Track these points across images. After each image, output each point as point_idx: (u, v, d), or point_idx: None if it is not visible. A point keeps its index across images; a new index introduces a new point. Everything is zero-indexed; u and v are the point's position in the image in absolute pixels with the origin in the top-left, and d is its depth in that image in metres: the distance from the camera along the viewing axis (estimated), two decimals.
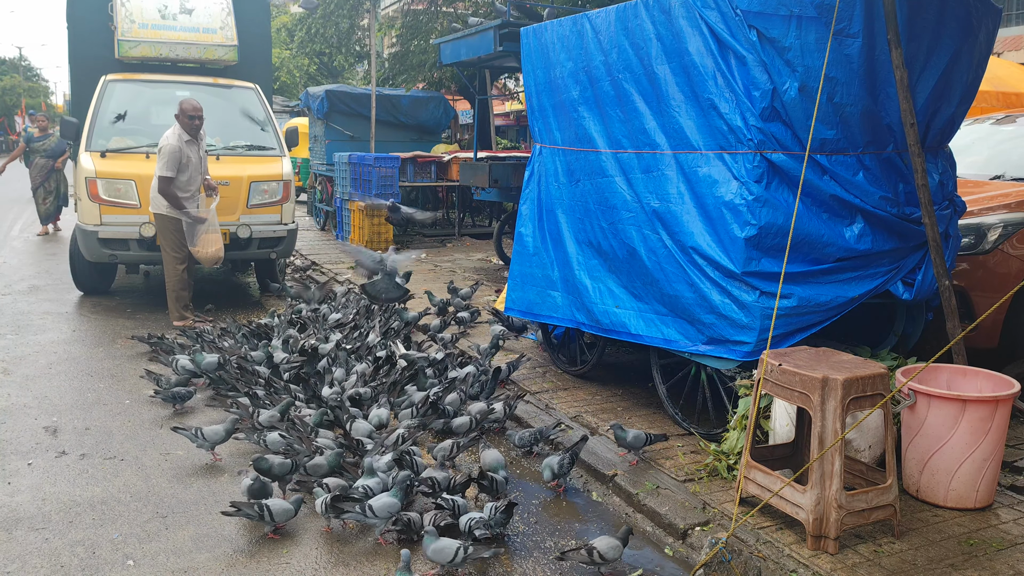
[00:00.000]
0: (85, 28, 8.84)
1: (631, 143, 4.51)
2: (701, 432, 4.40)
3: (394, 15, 23.00)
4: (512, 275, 5.49)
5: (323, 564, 3.34)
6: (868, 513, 3.25)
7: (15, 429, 4.72)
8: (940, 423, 3.53)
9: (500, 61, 9.46)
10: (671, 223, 4.25)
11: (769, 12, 3.79)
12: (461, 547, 3.15)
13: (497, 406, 4.74)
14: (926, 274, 4.18)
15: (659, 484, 3.89)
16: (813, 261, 4.00)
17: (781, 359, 3.40)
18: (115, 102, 8.11)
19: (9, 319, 7.33)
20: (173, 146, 6.76)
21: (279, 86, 27.00)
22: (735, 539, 3.29)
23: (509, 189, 9.33)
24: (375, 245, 11.73)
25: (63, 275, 9.03)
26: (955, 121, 4.41)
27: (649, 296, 4.43)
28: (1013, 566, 3.12)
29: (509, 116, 27.59)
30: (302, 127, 16.07)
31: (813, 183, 3.94)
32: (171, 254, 7.03)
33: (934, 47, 4.10)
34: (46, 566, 3.27)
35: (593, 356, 5.44)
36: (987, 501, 3.59)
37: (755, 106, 3.86)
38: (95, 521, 3.64)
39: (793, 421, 3.77)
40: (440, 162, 13.06)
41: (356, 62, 26.05)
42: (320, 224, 14.56)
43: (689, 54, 4.08)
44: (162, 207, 6.92)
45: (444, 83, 17.02)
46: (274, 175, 7.99)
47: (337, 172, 12.53)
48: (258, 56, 9.40)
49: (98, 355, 6.28)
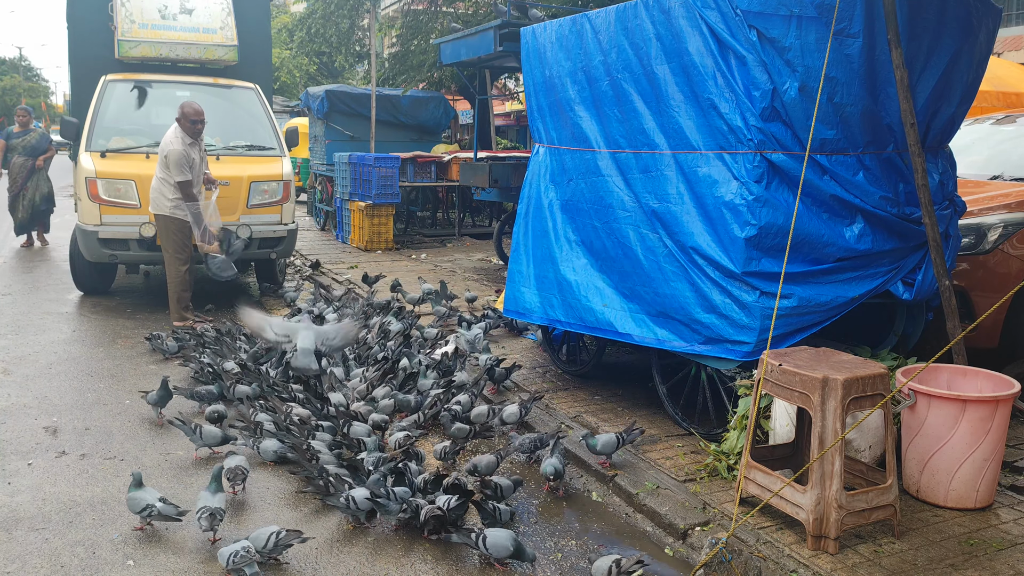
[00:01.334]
0: (85, 28, 8.84)
1: (629, 143, 4.50)
2: (701, 432, 4.40)
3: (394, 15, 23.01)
4: (509, 274, 5.49)
5: (323, 564, 3.34)
6: (868, 513, 3.25)
7: (15, 429, 4.72)
8: (940, 423, 3.53)
9: (500, 61, 9.46)
10: (670, 223, 4.25)
11: (769, 12, 3.79)
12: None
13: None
14: (926, 274, 4.18)
15: (659, 484, 3.89)
16: (813, 261, 4.00)
17: (781, 359, 3.40)
18: (115, 102, 8.12)
19: (9, 319, 7.33)
20: (178, 151, 6.77)
21: (279, 86, 26.98)
22: (735, 539, 3.29)
23: (509, 189, 9.34)
24: (375, 245, 11.75)
25: (63, 275, 9.03)
26: (955, 121, 4.42)
27: (642, 296, 4.42)
28: (1013, 566, 3.12)
29: (509, 116, 27.58)
30: (302, 127, 16.07)
31: (813, 183, 3.94)
32: (173, 255, 7.03)
33: (934, 47, 4.10)
34: (46, 566, 3.27)
35: (593, 356, 5.44)
36: (987, 501, 3.59)
37: (755, 106, 3.86)
38: (95, 521, 3.64)
39: (793, 421, 3.77)
40: (440, 162, 13.07)
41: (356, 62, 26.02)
42: (320, 224, 14.57)
43: (689, 54, 4.08)
44: (164, 208, 6.92)
45: (444, 83, 17.02)
46: (274, 175, 8.00)
47: (337, 172, 12.53)
48: (258, 56, 9.40)
49: (98, 355, 6.29)
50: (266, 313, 6.63)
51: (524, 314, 5.23)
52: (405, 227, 13.90)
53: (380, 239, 11.81)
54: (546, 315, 5.02)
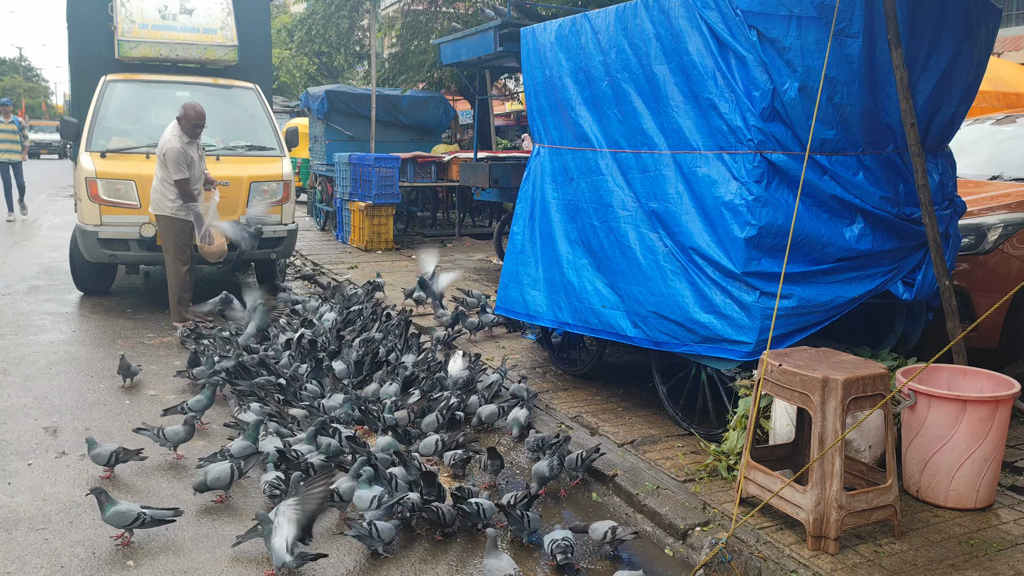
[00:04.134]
0: (85, 28, 8.84)
1: (628, 143, 4.51)
2: (701, 432, 4.40)
3: (394, 15, 23.00)
4: (504, 274, 5.48)
5: (323, 564, 3.34)
6: (868, 513, 3.25)
7: (15, 429, 4.72)
8: (940, 423, 3.53)
9: (500, 61, 9.46)
10: (670, 223, 4.25)
11: (769, 12, 3.79)
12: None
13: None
14: (926, 274, 4.18)
15: (659, 484, 3.89)
16: (813, 261, 4.00)
17: (781, 359, 3.40)
18: (115, 102, 8.12)
19: (9, 319, 7.33)
20: (176, 148, 6.76)
21: (279, 86, 26.97)
22: (735, 539, 3.29)
23: (509, 189, 9.34)
24: (375, 245, 11.75)
25: (63, 275, 9.03)
26: (955, 121, 4.42)
27: (640, 295, 4.42)
28: (1013, 566, 3.12)
29: (509, 116, 27.58)
30: (302, 127, 16.07)
31: (813, 183, 3.94)
32: (174, 256, 7.03)
33: (934, 47, 4.11)
34: (46, 566, 3.27)
35: (593, 356, 5.44)
36: (987, 501, 3.59)
37: (755, 106, 3.86)
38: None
39: (793, 421, 3.77)
40: (440, 162, 13.06)
41: (356, 62, 26.01)
42: (320, 224, 14.57)
43: (689, 54, 4.08)
44: (166, 209, 6.92)
45: (444, 83, 17.02)
46: (274, 175, 8.00)
47: (337, 172, 12.53)
48: (258, 56, 9.41)
49: (98, 355, 6.28)
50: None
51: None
52: (405, 227, 13.89)
53: (380, 239, 11.81)
54: (556, 318, 5.00)
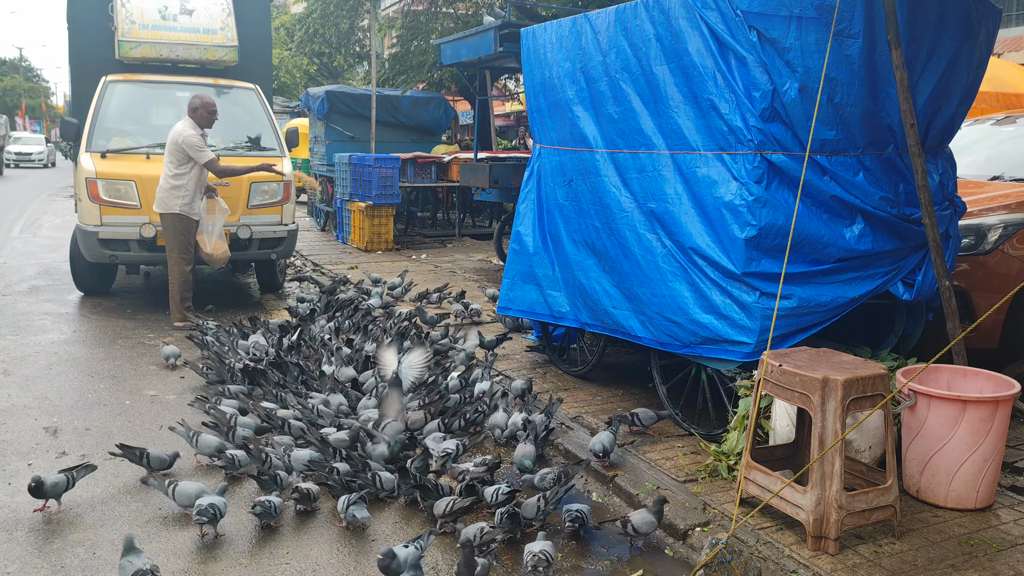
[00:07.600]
0: (85, 29, 8.84)
1: (627, 143, 4.51)
2: (701, 432, 4.40)
3: (394, 15, 22.98)
4: (509, 274, 5.47)
5: (323, 564, 3.34)
6: (868, 514, 3.25)
7: (15, 429, 4.72)
8: (940, 424, 3.53)
9: (500, 62, 9.47)
10: (669, 224, 4.25)
11: (769, 13, 3.79)
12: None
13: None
14: (926, 274, 4.18)
15: (659, 484, 3.89)
16: (813, 262, 4.00)
17: (781, 360, 3.40)
18: (115, 103, 8.12)
19: (9, 319, 7.33)
20: (193, 134, 6.86)
21: (279, 86, 26.97)
22: (735, 540, 3.29)
23: (509, 190, 9.34)
24: (375, 246, 11.75)
25: (63, 275, 9.03)
26: (955, 122, 4.42)
27: (643, 296, 4.43)
28: (1013, 567, 3.12)
29: (510, 117, 27.61)
30: (302, 128, 16.09)
31: (813, 184, 3.94)
32: (179, 255, 7.02)
33: (934, 48, 4.11)
34: (46, 566, 3.27)
35: (593, 357, 5.44)
36: (987, 502, 3.59)
37: (755, 107, 3.87)
38: (95, 521, 3.64)
39: (793, 421, 3.77)
40: (440, 163, 13.07)
41: (356, 62, 26.01)
42: (320, 225, 14.58)
43: (689, 55, 4.09)
44: (174, 207, 6.93)
45: (444, 84, 17.03)
46: (274, 176, 7.99)
47: (337, 173, 12.54)
48: (258, 57, 9.41)
49: (98, 356, 6.28)
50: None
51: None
52: (405, 228, 13.90)
53: (380, 240, 11.81)
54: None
